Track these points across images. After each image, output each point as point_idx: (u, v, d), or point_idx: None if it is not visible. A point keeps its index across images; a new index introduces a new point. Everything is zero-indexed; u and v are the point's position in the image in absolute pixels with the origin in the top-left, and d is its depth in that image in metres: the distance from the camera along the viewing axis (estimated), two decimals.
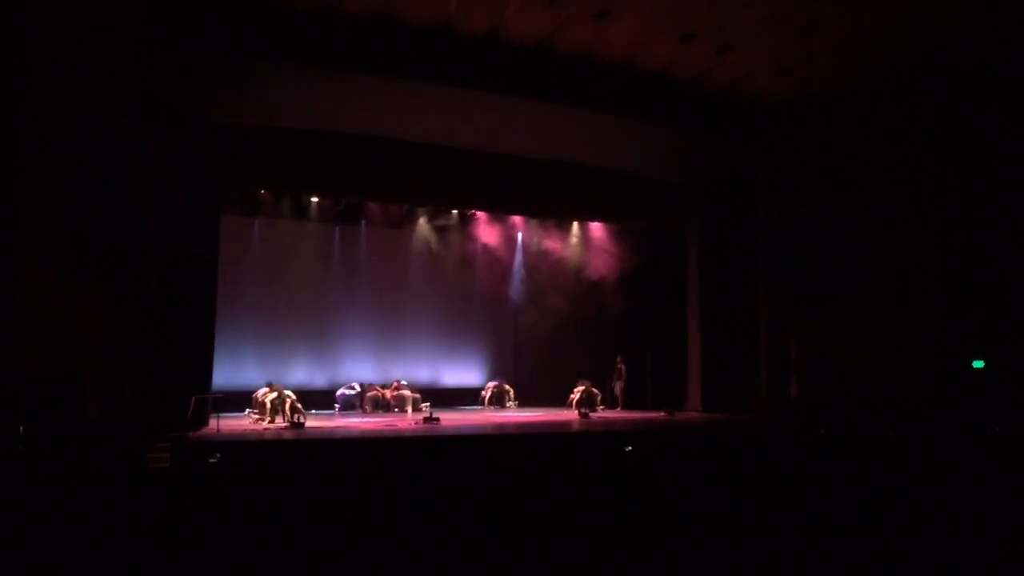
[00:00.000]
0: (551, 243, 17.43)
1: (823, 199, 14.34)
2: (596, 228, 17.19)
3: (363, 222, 16.90)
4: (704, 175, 16.07)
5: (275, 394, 12.92)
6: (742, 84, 14.16)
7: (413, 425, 12.99)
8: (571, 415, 15.33)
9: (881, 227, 13.39)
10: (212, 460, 8.24)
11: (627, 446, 9.14)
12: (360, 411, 15.28)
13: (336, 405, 15.26)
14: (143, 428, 10.28)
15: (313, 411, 14.34)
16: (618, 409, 16.24)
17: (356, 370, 16.46)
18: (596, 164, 15.18)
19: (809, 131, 14.68)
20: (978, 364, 12.32)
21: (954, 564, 3.70)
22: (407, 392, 15.69)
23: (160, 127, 10.53)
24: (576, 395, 15.89)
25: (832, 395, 13.51)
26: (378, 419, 14.28)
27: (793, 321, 14.88)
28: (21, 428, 8.21)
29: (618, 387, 16.66)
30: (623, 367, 16.69)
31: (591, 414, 15.14)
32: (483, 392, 16.95)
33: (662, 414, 15.20)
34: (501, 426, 13.28)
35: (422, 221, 17.14)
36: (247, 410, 13.50)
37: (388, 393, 15.72)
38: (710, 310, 16.14)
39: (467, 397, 17.27)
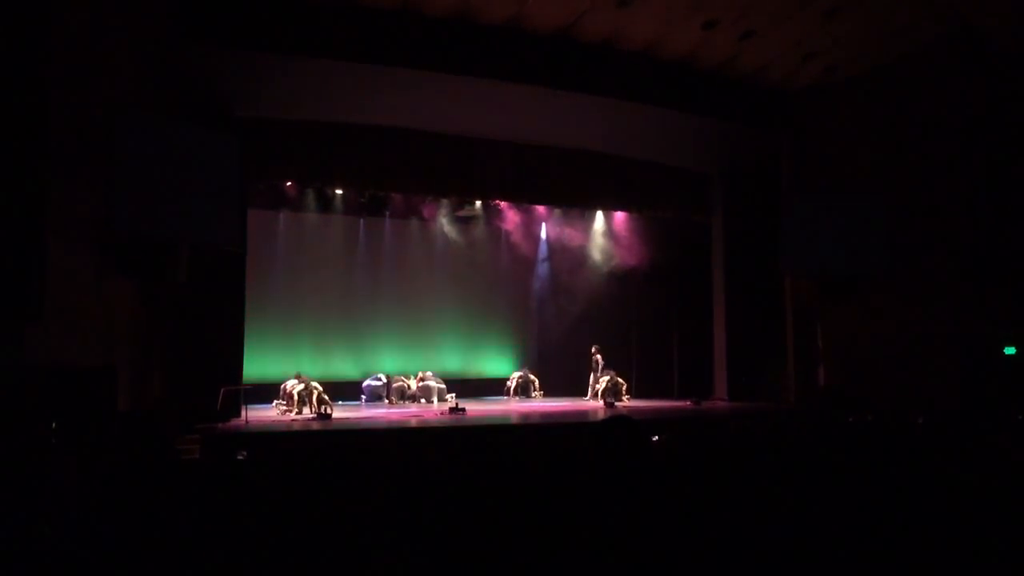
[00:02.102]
0: (575, 233, 17.37)
1: (849, 185, 14.16)
2: (620, 218, 17.11)
3: (387, 213, 16.93)
4: (729, 163, 15.93)
5: (302, 385, 13.00)
6: (766, 70, 13.98)
7: (439, 415, 13.02)
8: (596, 405, 15.31)
9: (909, 213, 13.18)
10: (239, 458, 8.28)
11: (654, 436, 9.07)
12: (386, 402, 15.34)
13: (363, 396, 15.33)
14: (174, 420, 10.39)
15: (340, 402, 14.42)
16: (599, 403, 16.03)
17: (382, 360, 16.53)
18: (620, 153, 15.12)
19: (835, 117, 14.47)
20: (1010, 351, 12.10)
21: (987, 554, 3.62)
22: (432, 383, 15.73)
23: (186, 121, 10.59)
24: (601, 385, 15.84)
25: (860, 383, 13.37)
26: (404, 410, 14.33)
27: (820, 309, 14.71)
28: (54, 424, 8.30)
29: (593, 380, 16.41)
30: (599, 357, 16.47)
31: (617, 404, 15.10)
32: (508, 382, 16.96)
33: (688, 403, 15.14)
34: (527, 416, 13.29)
35: (446, 212, 17.13)
36: (275, 401, 13.61)
37: (414, 384, 15.76)
38: (736, 298, 16.03)
39: (492, 387, 17.29)
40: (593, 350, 16.55)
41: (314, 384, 13.05)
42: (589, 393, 16.34)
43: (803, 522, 3.98)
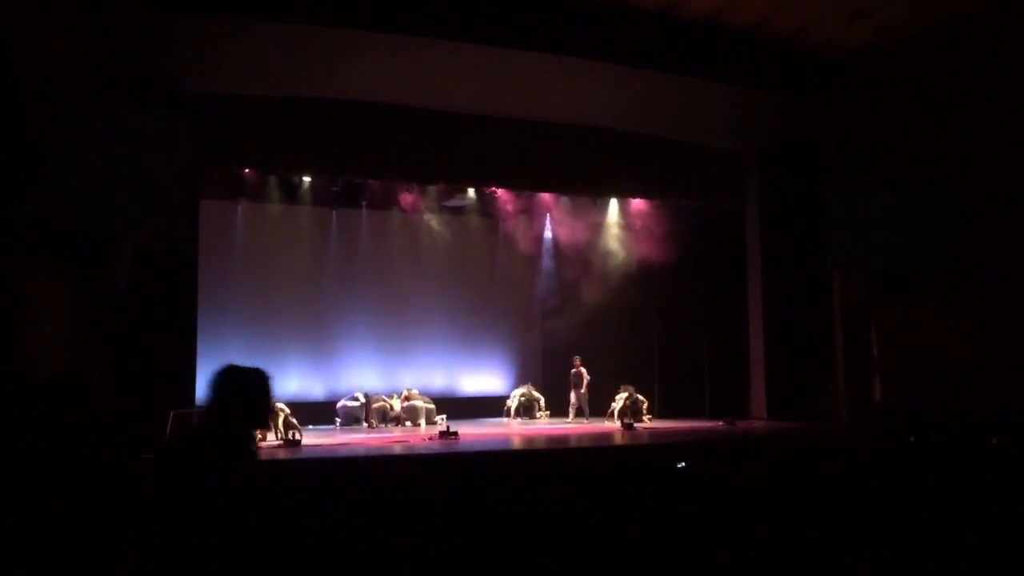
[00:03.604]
0: (585, 224, 17.36)
1: (906, 166, 14.13)
2: (638, 206, 17.09)
3: (364, 204, 16.92)
4: (765, 141, 15.91)
5: None
6: (806, 32, 13.96)
7: (427, 441, 13.00)
8: (613, 427, 15.29)
9: (977, 197, 13.16)
10: None
11: (680, 462, 9.06)
12: (365, 425, 15.31)
13: (337, 419, 15.31)
14: (114, 448, 10.35)
15: (311, 426, 14.39)
16: (584, 421, 16.02)
17: (360, 378, 16.52)
18: (636, 130, 15.09)
19: (887, 86, 14.44)
20: None
21: None
22: (419, 402, 15.71)
23: (125, 98, 10.57)
24: (618, 403, 15.82)
25: (922, 397, 13.33)
26: (386, 434, 14.31)
27: (874, 312, 14.69)
28: None
29: (575, 396, 16.38)
30: (583, 370, 16.43)
31: (636, 425, 15.07)
32: (508, 401, 16.93)
33: (720, 424, 15.10)
34: (530, 441, 13.24)
35: (433, 201, 17.10)
36: None
37: (397, 404, 15.74)
38: (775, 300, 16.00)
39: (490, 407, 17.27)
40: (576, 362, 16.52)
41: (280, 405, 13.01)
42: (571, 414, 16.37)
43: (858, 562, 3.96)
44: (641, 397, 16.00)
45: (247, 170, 14.81)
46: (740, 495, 5.46)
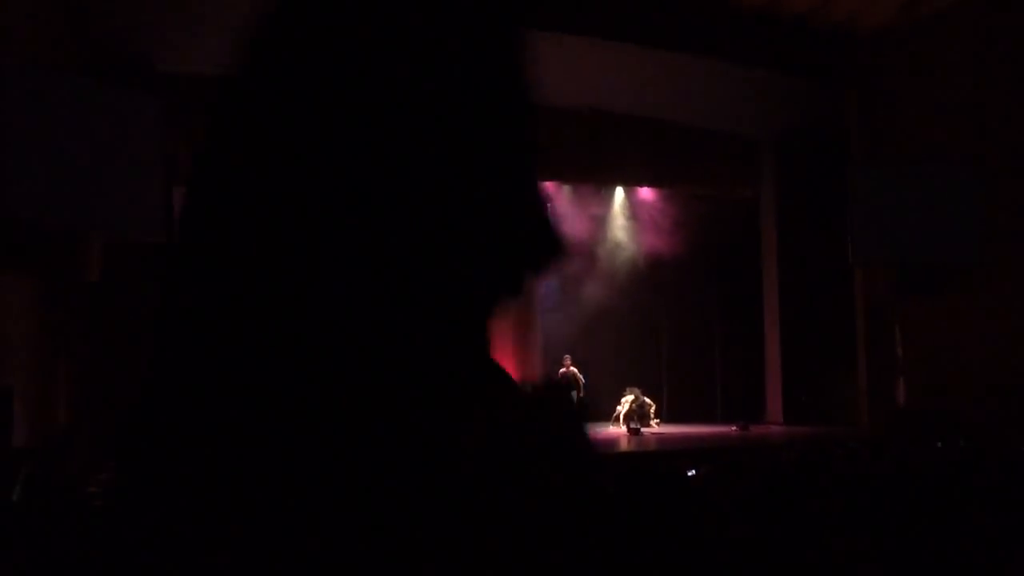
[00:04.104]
0: (589, 214, 17.29)
1: (934, 153, 14.06)
2: (647, 196, 17.01)
3: None
4: (783, 126, 15.84)
5: None
6: (828, 7, 13.90)
7: None
8: (618, 432, 15.23)
9: (1011, 188, 13.09)
10: None
11: (690, 470, 8.99)
12: None
13: None
14: (84, 455, 10.28)
15: None
16: None
17: None
18: (645, 114, 15.02)
19: (916, 66, 14.36)
20: None
21: None
22: None
23: (92, 77, 10.48)
24: (623, 407, 15.76)
25: (950, 401, 13.28)
26: None
27: (899, 309, 14.62)
28: None
29: None
30: (574, 370, 16.31)
31: (643, 430, 15.03)
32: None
33: (734, 428, 15.07)
34: None
35: None
36: None
37: None
38: (793, 295, 15.96)
39: None
40: (566, 362, 16.44)
41: None
42: None
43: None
44: (648, 400, 15.94)
45: None
46: (755, 506, 5.38)
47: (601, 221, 17.30)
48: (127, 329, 11.68)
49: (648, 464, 11.74)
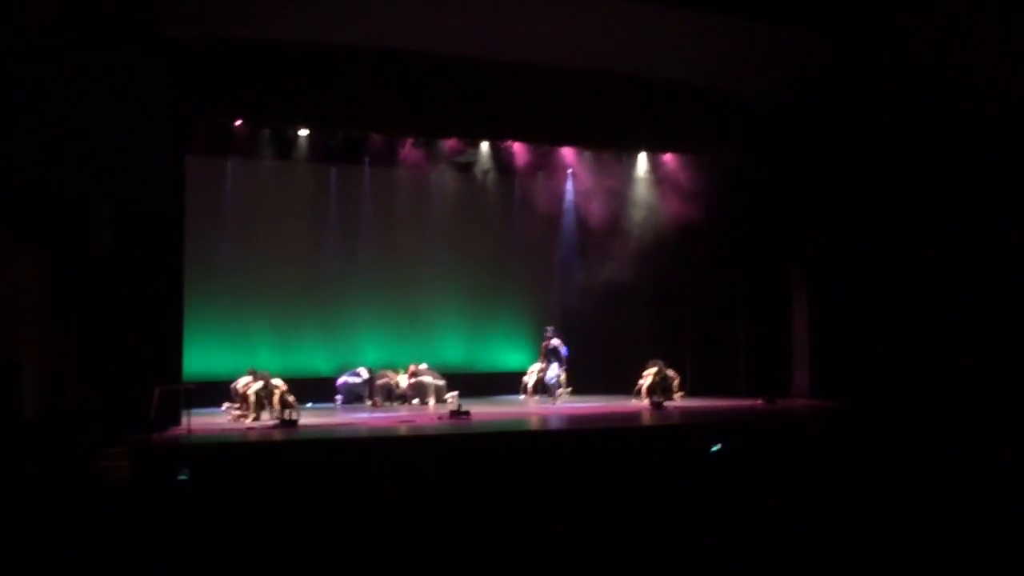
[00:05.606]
0: (611, 182, 17.23)
1: None
2: (670, 161, 16.93)
3: (366, 160, 16.84)
4: (814, 87, 15.67)
5: (260, 384, 13.03)
6: None
7: (436, 421, 13.03)
8: (640, 405, 15.28)
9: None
10: (181, 478, 8.33)
11: (714, 444, 9.06)
12: (368, 403, 15.36)
13: (338, 396, 15.35)
14: (95, 430, 10.42)
15: (309, 404, 14.48)
16: (554, 401, 15.98)
17: (362, 351, 16.53)
18: (667, 76, 14.90)
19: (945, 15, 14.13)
20: None
21: None
22: (428, 378, 15.71)
23: (101, 42, 10.49)
24: (646, 379, 15.79)
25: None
26: (391, 414, 14.34)
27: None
28: None
29: (548, 371, 16.40)
30: (557, 342, 16.44)
31: (666, 403, 15.06)
32: (525, 378, 16.92)
33: (759, 402, 15.06)
34: (549, 421, 13.25)
35: (442, 157, 17.00)
36: (225, 405, 13.63)
37: (404, 380, 15.77)
38: (822, 265, 15.87)
39: (505, 384, 17.27)
40: (548, 333, 16.53)
41: (275, 382, 13.06)
42: (528, 391, 16.45)
43: (914, 549, 3.94)
44: (672, 372, 15.94)
45: (237, 122, 14.73)
46: (781, 481, 5.44)
47: (623, 188, 17.20)
48: (134, 295, 11.79)
49: (672, 439, 11.79)
